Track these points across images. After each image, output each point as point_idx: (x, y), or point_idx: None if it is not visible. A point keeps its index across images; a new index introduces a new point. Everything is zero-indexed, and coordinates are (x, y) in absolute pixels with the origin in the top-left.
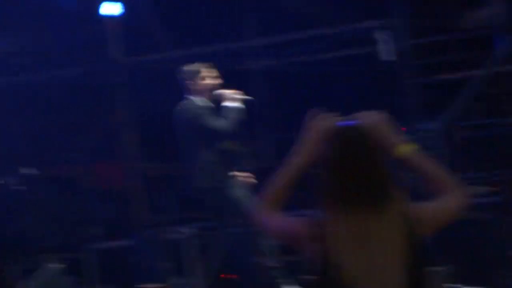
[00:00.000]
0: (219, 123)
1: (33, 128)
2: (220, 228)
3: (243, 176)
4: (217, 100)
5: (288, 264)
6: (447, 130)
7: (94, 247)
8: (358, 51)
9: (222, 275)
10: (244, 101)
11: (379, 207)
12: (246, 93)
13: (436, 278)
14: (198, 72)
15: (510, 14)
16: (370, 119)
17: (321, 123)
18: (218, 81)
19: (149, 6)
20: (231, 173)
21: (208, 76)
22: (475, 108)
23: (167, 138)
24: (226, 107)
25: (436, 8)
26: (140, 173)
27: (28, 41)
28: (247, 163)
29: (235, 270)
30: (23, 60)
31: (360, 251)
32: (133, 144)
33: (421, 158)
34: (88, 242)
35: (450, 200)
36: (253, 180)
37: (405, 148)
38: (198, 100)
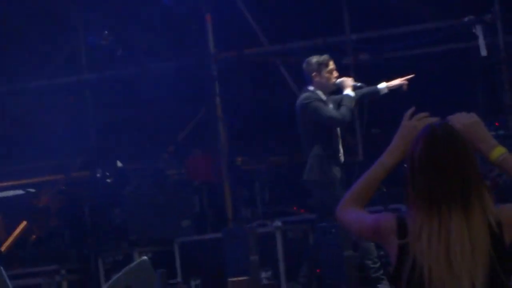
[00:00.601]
0: (338, 113)
1: (128, 122)
2: (317, 222)
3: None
4: (338, 89)
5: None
6: None
7: (184, 240)
8: (457, 46)
9: (318, 270)
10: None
11: (466, 208)
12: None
13: None
14: (326, 64)
15: None
16: (463, 121)
17: (416, 124)
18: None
19: (243, 1)
20: (338, 168)
21: (334, 70)
22: None
23: (261, 132)
24: (347, 95)
25: None
26: (233, 166)
27: (125, 35)
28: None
29: (325, 264)
30: (121, 53)
31: (444, 252)
32: (226, 138)
33: None
34: (179, 235)
35: None
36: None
37: (498, 151)
38: (320, 93)
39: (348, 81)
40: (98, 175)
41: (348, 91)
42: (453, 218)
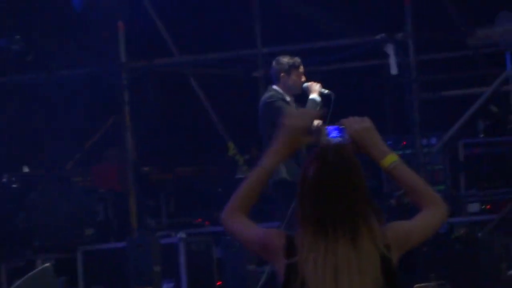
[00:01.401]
0: None
1: (37, 128)
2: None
3: None
4: (303, 93)
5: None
6: (450, 147)
7: (88, 248)
8: (369, 64)
9: (219, 282)
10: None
11: (353, 233)
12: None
13: None
14: (297, 67)
15: None
16: (356, 126)
17: (295, 123)
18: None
19: (156, 11)
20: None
21: (303, 74)
22: (479, 126)
23: (169, 142)
24: (312, 99)
25: (446, 24)
26: (139, 176)
27: (35, 39)
28: None
29: (228, 278)
30: (30, 59)
31: (331, 276)
32: (134, 147)
33: (405, 169)
34: (82, 243)
35: (429, 215)
36: None
37: (390, 158)
38: (284, 94)
39: (316, 86)
40: (4, 180)
41: (314, 96)
42: (340, 243)
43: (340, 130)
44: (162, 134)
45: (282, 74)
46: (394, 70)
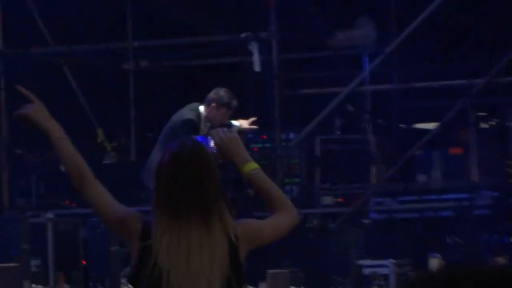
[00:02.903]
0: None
1: None
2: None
3: None
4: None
5: None
6: (307, 142)
7: None
8: (233, 61)
9: (84, 262)
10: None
11: (206, 220)
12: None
13: (282, 280)
14: (228, 107)
15: (378, 36)
16: (222, 135)
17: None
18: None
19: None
20: None
21: (222, 117)
22: (336, 124)
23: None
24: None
25: (308, 26)
26: (12, 157)
27: None
28: None
29: (92, 257)
30: None
31: (183, 259)
32: (7, 129)
33: (263, 176)
34: None
35: (280, 218)
36: None
37: (250, 166)
38: (202, 118)
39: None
40: None
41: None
42: (192, 229)
43: (206, 139)
44: None
45: (213, 104)
46: (257, 67)
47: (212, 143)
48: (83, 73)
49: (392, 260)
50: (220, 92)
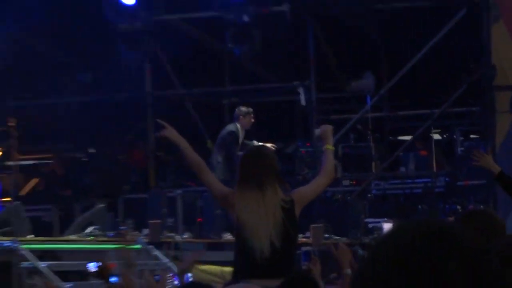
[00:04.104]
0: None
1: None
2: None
3: None
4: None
5: None
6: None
7: (124, 196)
8: (288, 99)
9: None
10: None
11: (266, 192)
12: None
13: (319, 230)
14: (248, 113)
15: (375, 85)
16: (325, 128)
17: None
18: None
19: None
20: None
21: (251, 120)
22: (350, 136)
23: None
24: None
25: (334, 76)
26: (155, 157)
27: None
28: None
29: (204, 216)
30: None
31: (250, 214)
32: (152, 140)
33: (330, 154)
34: (122, 193)
35: (322, 180)
36: None
37: (329, 147)
38: (238, 130)
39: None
40: (77, 155)
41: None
42: (255, 195)
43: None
44: None
45: (241, 116)
46: (303, 102)
47: None
48: (198, 107)
49: (385, 219)
50: (241, 108)
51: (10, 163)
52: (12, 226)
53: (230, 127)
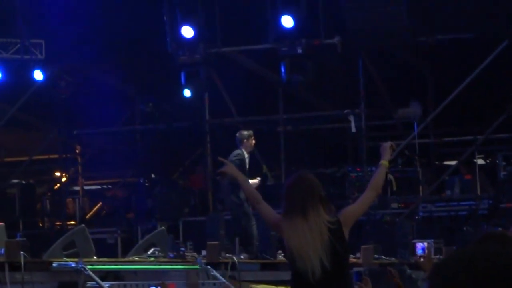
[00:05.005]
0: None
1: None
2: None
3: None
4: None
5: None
6: None
7: (185, 219)
8: (340, 126)
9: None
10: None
11: (309, 216)
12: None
13: (369, 250)
14: (250, 136)
15: (422, 112)
16: (385, 145)
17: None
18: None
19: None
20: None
21: (253, 142)
22: (398, 161)
23: None
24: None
25: (382, 104)
26: (213, 180)
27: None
28: None
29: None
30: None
31: (298, 240)
32: (210, 164)
33: (383, 169)
34: (182, 216)
35: (369, 194)
36: None
37: (384, 163)
38: (243, 153)
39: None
40: (141, 181)
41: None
42: (299, 221)
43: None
44: None
45: (245, 140)
46: (353, 129)
47: None
48: (254, 134)
49: (431, 240)
50: (243, 132)
51: (76, 188)
52: (78, 247)
53: (237, 152)
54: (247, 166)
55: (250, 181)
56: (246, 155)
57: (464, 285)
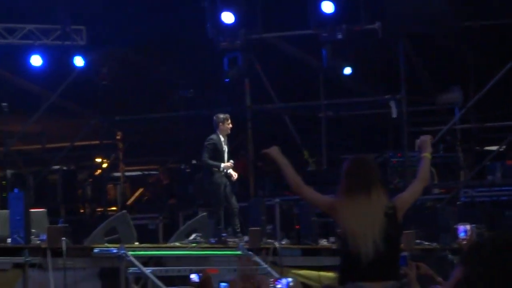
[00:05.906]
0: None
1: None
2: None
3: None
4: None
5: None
6: None
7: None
8: (382, 111)
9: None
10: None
11: (368, 196)
12: None
13: (411, 236)
14: (226, 119)
15: (464, 97)
16: (424, 139)
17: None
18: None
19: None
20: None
21: (229, 126)
22: (440, 146)
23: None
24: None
25: (423, 89)
26: (254, 167)
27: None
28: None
29: (301, 223)
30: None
31: (356, 220)
32: (252, 151)
33: (427, 160)
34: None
35: (418, 185)
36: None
37: (427, 155)
38: (218, 137)
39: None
40: (182, 167)
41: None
42: (361, 201)
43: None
44: None
45: (220, 123)
46: (394, 115)
47: None
48: (295, 120)
49: (473, 225)
50: (218, 115)
51: (117, 174)
52: (120, 234)
53: (210, 136)
54: (225, 149)
55: (223, 164)
56: (222, 139)
57: (497, 268)
